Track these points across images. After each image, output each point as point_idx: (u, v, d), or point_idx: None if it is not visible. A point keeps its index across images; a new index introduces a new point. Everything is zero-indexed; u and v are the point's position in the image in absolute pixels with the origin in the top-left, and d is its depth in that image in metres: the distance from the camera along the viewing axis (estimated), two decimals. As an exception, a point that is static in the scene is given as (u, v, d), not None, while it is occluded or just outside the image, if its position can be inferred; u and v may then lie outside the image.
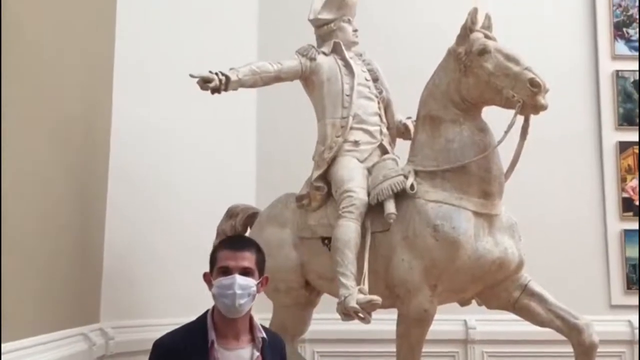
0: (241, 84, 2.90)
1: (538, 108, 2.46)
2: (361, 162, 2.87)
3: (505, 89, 2.49)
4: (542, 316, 2.64)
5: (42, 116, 2.58)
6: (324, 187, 2.89)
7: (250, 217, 3.23)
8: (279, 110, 4.12)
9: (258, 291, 1.94)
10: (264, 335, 1.94)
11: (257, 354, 1.89)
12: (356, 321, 2.56)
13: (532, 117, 2.55)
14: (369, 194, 2.73)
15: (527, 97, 2.44)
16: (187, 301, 3.57)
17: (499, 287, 2.67)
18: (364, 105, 2.95)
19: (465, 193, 2.58)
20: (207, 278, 1.98)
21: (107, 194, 3.35)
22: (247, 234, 3.23)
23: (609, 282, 4.17)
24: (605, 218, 4.22)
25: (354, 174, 2.79)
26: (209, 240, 3.24)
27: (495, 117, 2.68)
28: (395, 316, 2.73)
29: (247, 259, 1.92)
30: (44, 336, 2.53)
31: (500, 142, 2.56)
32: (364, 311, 2.46)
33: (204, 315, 1.96)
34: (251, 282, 1.89)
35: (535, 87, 2.43)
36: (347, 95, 2.92)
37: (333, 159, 2.88)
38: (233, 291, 1.84)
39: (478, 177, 2.58)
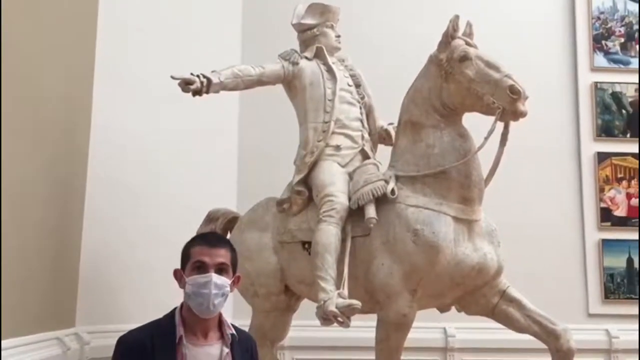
0: (223, 86, 2.89)
1: (518, 115, 2.48)
2: (342, 166, 2.87)
3: (485, 96, 2.52)
4: (520, 322, 2.64)
5: (20, 118, 2.54)
6: (305, 192, 2.88)
7: (231, 221, 3.21)
8: (261, 114, 4.11)
9: (231, 290, 1.91)
10: (234, 332, 1.91)
11: (226, 350, 1.86)
12: (336, 327, 2.55)
13: (512, 126, 2.57)
14: (349, 199, 2.73)
15: (507, 104, 2.47)
16: (165, 306, 3.49)
17: (478, 292, 2.68)
18: (346, 110, 2.96)
19: (445, 198, 2.59)
20: (179, 274, 1.93)
21: (84, 197, 3.30)
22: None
23: (586, 291, 4.21)
24: (583, 228, 4.26)
25: (335, 179, 2.79)
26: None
27: (475, 123, 2.71)
28: (374, 323, 2.72)
29: (223, 256, 1.89)
30: (16, 339, 2.48)
31: (480, 148, 2.58)
32: (343, 315, 2.44)
33: (172, 311, 1.93)
34: (226, 282, 1.86)
35: (515, 94, 2.46)
36: (329, 100, 2.93)
37: (314, 164, 2.87)
38: (208, 291, 1.80)
39: (458, 183, 2.59)
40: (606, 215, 4.23)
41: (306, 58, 3.04)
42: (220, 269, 1.86)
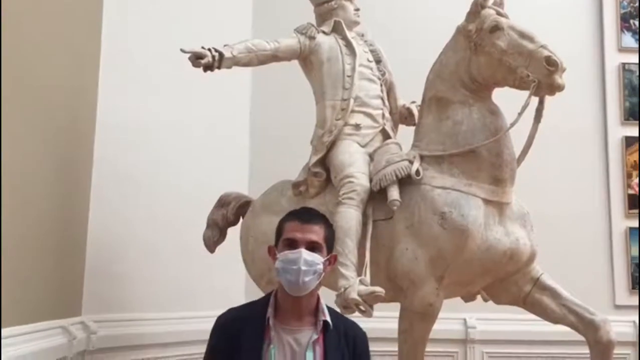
0: (235, 61, 2.73)
1: (554, 88, 2.30)
2: (362, 146, 2.71)
3: (519, 68, 2.34)
4: (555, 312, 2.48)
5: (25, 106, 2.42)
6: (323, 173, 2.73)
7: (243, 206, 3.06)
8: (274, 92, 3.94)
9: (324, 270, 1.76)
10: (327, 318, 1.75)
11: (315, 336, 1.71)
12: (357, 317, 2.38)
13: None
14: (370, 180, 2.57)
15: (542, 77, 2.29)
16: (172, 294, 3.42)
17: (509, 280, 2.51)
18: (366, 87, 2.79)
19: (474, 179, 2.42)
20: (272, 251, 1.81)
21: (91, 184, 3.17)
22: (238, 225, 3.07)
23: (613, 281, 4.03)
24: (610, 215, 4.08)
25: (355, 159, 2.63)
26: (198, 231, 3.10)
27: (505, 99, 2.53)
28: (397, 313, 2.56)
29: (316, 233, 1.76)
30: (20, 327, 2.36)
31: (513, 124, 2.41)
32: (366, 304, 2.29)
33: (271, 292, 1.82)
34: (318, 259, 1.73)
35: (551, 65, 2.28)
36: (348, 76, 2.76)
37: (332, 143, 2.71)
38: (298, 267, 1.69)
39: (488, 162, 2.42)
40: (634, 203, 4.03)
41: (323, 32, 2.87)
42: (312, 247, 1.74)
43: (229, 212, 3.06)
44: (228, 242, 3.10)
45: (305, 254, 1.71)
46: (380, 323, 3.31)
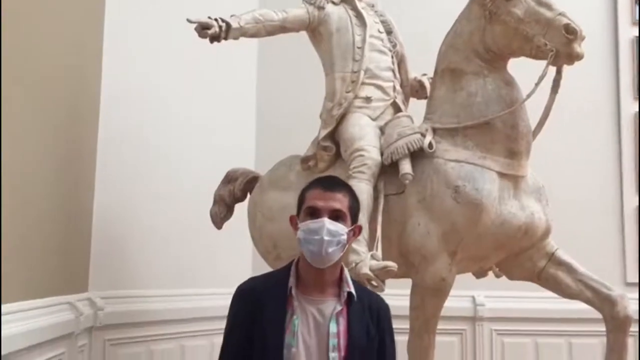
0: (243, 32, 2.66)
1: (573, 57, 2.23)
2: (373, 120, 2.66)
3: (536, 37, 2.27)
4: (570, 287, 2.43)
5: (29, 79, 2.36)
6: (332, 147, 2.68)
7: (250, 181, 3.02)
8: (281, 65, 3.86)
9: (348, 241, 1.67)
10: (352, 290, 1.66)
11: (339, 308, 1.63)
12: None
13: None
14: (382, 154, 2.51)
15: (561, 46, 2.22)
16: (179, 271, 3.39)
17: (523, 255, 2.47)
18: (377, 59, 2.73)
19: (489, 152, 2.36)
20: (294, 221, 1.71)
21: (96, 161, 3.13)
22: (246, 201, 3.03)
23: (624, 258, 3.98)
24: (622, 192, 4.01)
25: (366, 132, 2.57)
26: (205, 207, 3.06)
27: (520, 70, 2.46)
28: (408, 290, 2.51)
29: (339, 201, 1.65)
30: (27, 302, 2.32)
31: (529, 95, 2.34)
32: (377, 279, 2.24)
33: (291, 262, 1.73)
34: (341, 229, 1.63)
35: (570, 33, 2.21)
36: (359, 48, 2.70)
37: (342, 117, 2.66)
38: (320, 237, 1.60)
39: (503, 135, 2.36)
40: (646, 179, 3.97)
41: (332, 2, 2.80)
42: (336, 216, 1.64)
43: (236, 188, 3.02)
44: (235, 219, 3.06)
45: (328, 223, 1.61)
46: (391, 300, 3.28)
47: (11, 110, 2.16)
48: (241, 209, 3.03)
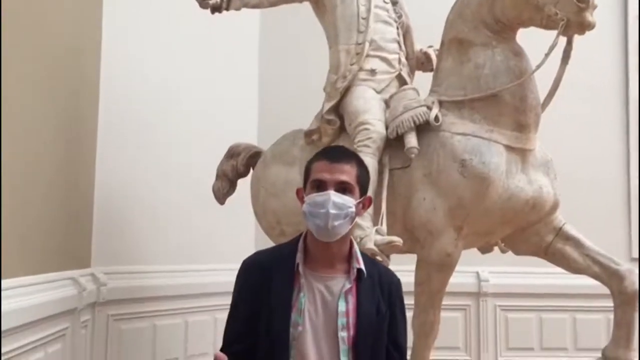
0: (244, 3, 2.61)
1: (585, 26, 2.17)
2: (378, 92, 2.60)
3: (547, 6, 2.20)
4: (578, 262, 2.40)
5: (29, 52, 2.31)
6: (336, 121, 2.62)
7: (253, 156, 2.98)
8: (284, 38, 3.80)
9: (358, 213, 1.60)
10: (361, 266, 1.59)
11: (348, 285, 1.57)
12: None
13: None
14: (387, 127, 2.46)
15: (572, 15, 2.15)
16: (182, 247, 3.37)
17: (530, 230, 2.43)
18: (382, 30, 2.66)
19: (496, 125, 2.31)
20: (300, 194, 1.64)
21: (96, 136, 3.08)
22: (249, 176, 3.00)
23: (630, 234, 3.95)
24: (628, 168, 3.98)
25: (371, 105, 2.52)
26: (207, 183, 3.04)
27: (529, 40, 2.40)
28: (412, 266, 2.49)
29: (346, 173, 1.57)
30: (28, 278, 2.30)
31: (539, 66, 2.28)
32: (382, 254, 2.21)
33: (298, 236, 1.66)
34: (349, 201, 1.55)
35: (582, 2, 2.14)
36: (363, 19, 2.62)
37: (347, 90, 2.60)
38: (326, 210, 1.53)
39: (512, 107, 2.31)
40: (653, 155, 3.92)
41: (336, -28, 2.71)
42: (343, 188, 1.57)
43: (239, 163, 2.98)
44: (238, 194, 3.03)
45: (334, 196, 1.54)
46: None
47: (13, 79, 2.12)
48: (244, 185, 2.99)
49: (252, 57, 3.84)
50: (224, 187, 3.02)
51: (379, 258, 2.22)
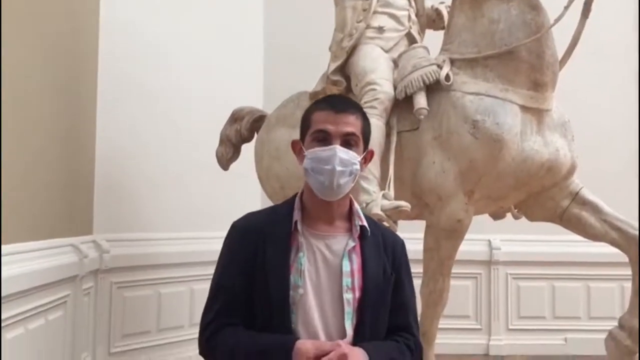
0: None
1: (607, -24, 2.02)
2: (386, 51, 2.52)
3: (566, -47, 2.05)
4: (595, 228, 2.30)
5: (28, 16, 2.23)
6: (343, 82, 2.55)
7: (257, 120, 2.91)
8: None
9: (361, 169, 1.47)
10: (365, 223, 1.47)
11: (352, 244, 1.44)
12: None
13: (569, 16, 2.12)
14: (395, 88, 2.37)
15: (593, -38, 2.01)
16: (185, 214, 3.32)
17: (545, 194, 2.33)
18: (390, -15, 2.53)
19: (511, 83, 2.20)
20: (297, 147, 1.50)
21: (96, 100, 3.01)
22: (253, 140, 2.91)
23: (643, 196, 3.82)
24: (640, 131, 3.83)
25: (378, 64, 2.43)
26: (210, 148, 2.98)
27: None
28: (420, 234, 2.41)
29: (352, 124, 1.43)
30: (27, 244, 2.25)
31: (558, 20, 2.16)
32: (389, 219, 2.12)
33: (294, 195, 1.52)
34: (354, 157, 1.42)
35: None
36: (370, -27, 2.50)
37: (353, 49, 2.52)
38: (332, 167, 1.39)
39: (528, 64, 2.19)
40: (666, 118, 3.78)
41: None
42: (348, 141, 1.43)
43: (243, 128, 2.91)
44: (242, 159, 2.95)
45: (340, 151, 1.40)
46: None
47: (10, 43, 2.05)
48: (248, 150, 2.91)
49: (257, 18, 3.74)
50: (228, 153, 2.95)
51: (385, 224, 2.13)
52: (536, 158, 2.20)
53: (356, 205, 1.50)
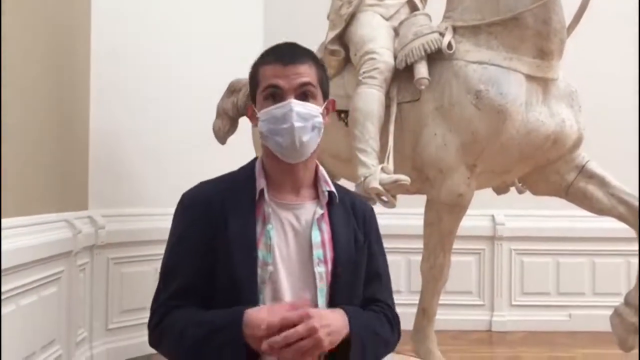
0: None
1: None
2: (386, 19, 2.45)
3: None
4: (601, 202, 2.23)
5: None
6: (341, 51, 2.48)
7: (255, 92, 2.80)
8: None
9: (324, 120, 1.31)
10: (332, 189, 1.34)
11: (320, 211, 1.31)
12: (378, 210, 2.17)
13: None
14: (395, 57, 2.29)
15: None
16: (183, 189, 3.22)
17: (550, 168, 2.27)
18: (391, -51, 2.44)
19: (516, 51, 2.13)
20: (250, 111, 1.35)
21: (90, 74, 2.95)
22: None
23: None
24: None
25: (378, 33, 2.36)
26: (206, 121, 2.92)
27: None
28: (421, 209, 2.36)
29: (305, 74, 1.27)
30: (20, 219, 2.20)
31: (565, -16, 2.04)
32: (388, 193, 2.06)
33: (252, 161, 1.37)
34: (314, 109, 1.27)
35: None
36: (371, -63, 2.40)
37: (352, 16, 2.44)
38: (290, 124, 1.24)
39: (534, 31, 2.11)
40: (673, 89, 3.67)
41: None
42: (304, 93, 1.27)
43: (240, 100, 2.84)
44: (240, 132, 2.88)
45: (296, 105, 1.25)
46: (404, 219, 3.16)
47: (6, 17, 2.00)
48: (246, 123, 2.84)
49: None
50: (225, 126, 2.89)
51: (384, 198, 2.08)
52: (541, 130, 2.12)
53: (322, 170, 1.36)
